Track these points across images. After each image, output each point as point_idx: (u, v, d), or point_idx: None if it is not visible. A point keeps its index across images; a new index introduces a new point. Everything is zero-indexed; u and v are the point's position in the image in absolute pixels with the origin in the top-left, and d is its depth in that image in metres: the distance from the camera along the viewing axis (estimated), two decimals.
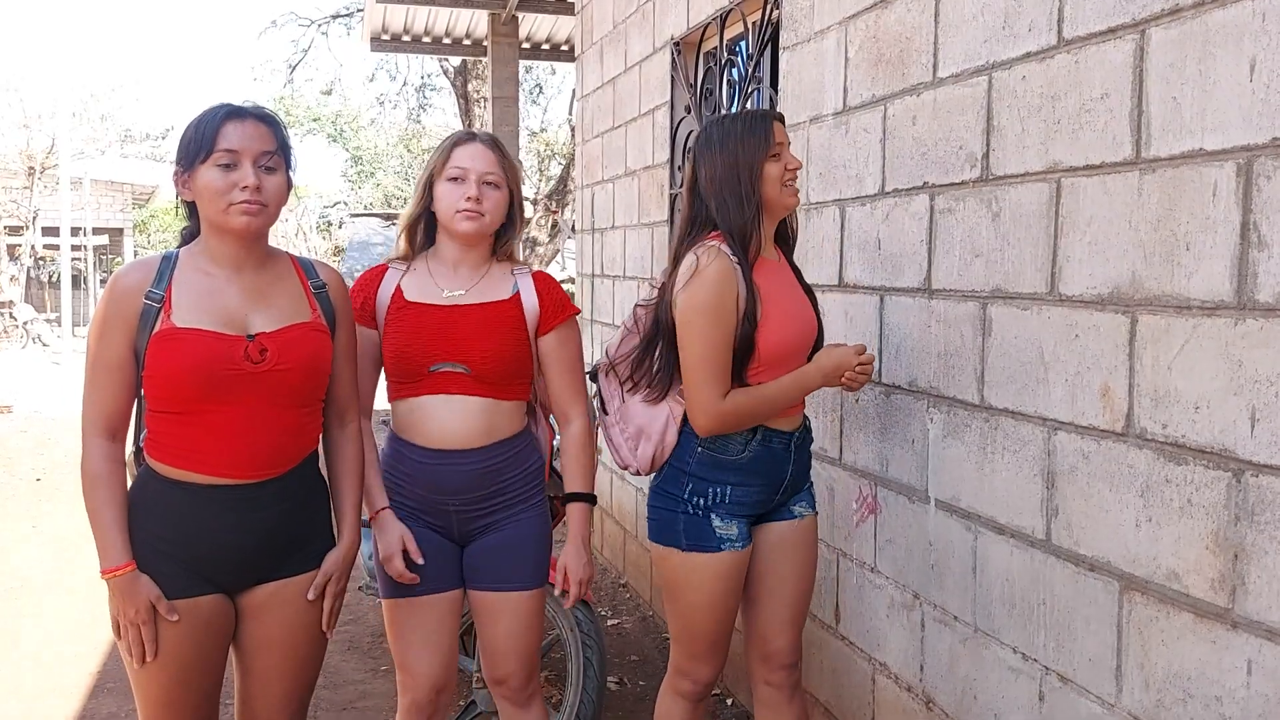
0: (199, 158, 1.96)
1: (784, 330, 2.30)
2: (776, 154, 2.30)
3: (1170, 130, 1.77)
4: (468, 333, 2.30)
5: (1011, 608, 2.21)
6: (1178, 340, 1.76)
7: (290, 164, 2.07)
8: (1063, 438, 2.04)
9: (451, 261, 2.38)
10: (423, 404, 2.32)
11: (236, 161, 1.96)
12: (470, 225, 2.31)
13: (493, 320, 2.33)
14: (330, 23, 19.05)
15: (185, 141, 1.99)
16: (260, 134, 1.99)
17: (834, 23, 2.94)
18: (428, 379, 2.30)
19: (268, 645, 2.14)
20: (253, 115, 2.00)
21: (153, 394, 2.03)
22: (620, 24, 5.10)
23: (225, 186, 1.96)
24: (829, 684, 3.00)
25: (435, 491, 2.33)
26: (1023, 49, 2.14)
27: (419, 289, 2.36)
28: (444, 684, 2.39)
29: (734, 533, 2.34)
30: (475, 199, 2.29)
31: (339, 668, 4.07)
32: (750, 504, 2.37)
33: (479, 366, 2.29)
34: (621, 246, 5.14)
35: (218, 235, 2.04)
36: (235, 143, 1.96)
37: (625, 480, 5.11)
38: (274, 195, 2.01)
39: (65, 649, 4.32)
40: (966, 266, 2.34)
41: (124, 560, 1.98)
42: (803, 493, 2.47)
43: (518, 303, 2.37)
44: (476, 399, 2.31)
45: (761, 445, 2.34)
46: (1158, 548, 1.81)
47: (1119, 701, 1.91)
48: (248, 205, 1.97)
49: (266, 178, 1.99)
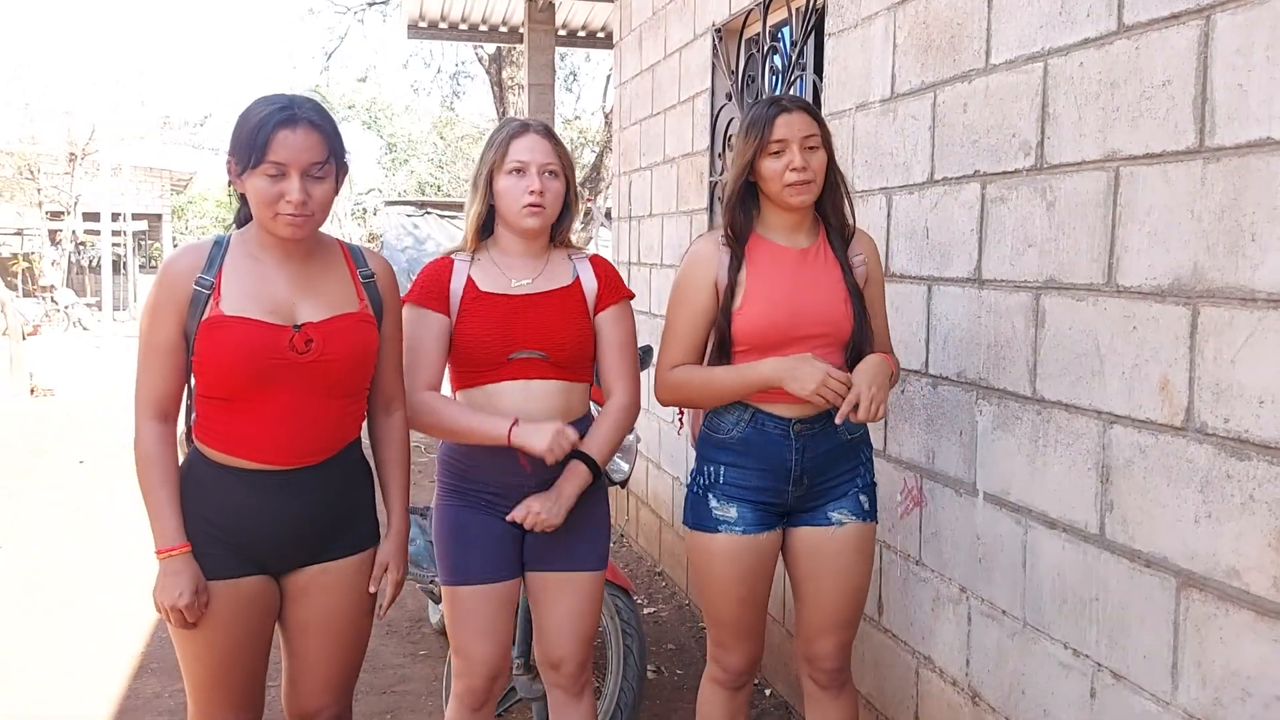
0: (250, 163, 1.96)
1: (761, 316, 2.28)
2: (777, 150, 2.25)
3: (1236, 118, 1.73)
4: (542, 320, 2.34)
5: (1063, 603, 2.18)
6: (1242, 333, 1.72)
7: (342, 160, 2.06)
8: (1119, 431, 2.01)
9: (515, 252, 2.40)
10: (501, 390, 2.33)
11: (285, 173, 1.96)
12: (535, 220, 2.33)
13: (563, 306, 2.37)
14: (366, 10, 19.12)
15: (238, 140, 1.98)
16: (310, 144, 1.97)
17: (882, 8, 2.90)
18: (507, 366, 2.32)
19: (311, 627, 2.15)
20: (305, 121, 1.97)
21: (201, 379, 2.04)
22: (660, 10, 5.07)
23: (273, 197, 1.97)
24: (871, 677, 2.98)
25: (513, 474, 2.34)
26: (1080, 35, 2.10)
27: (489, 280, 2.38)
28: (499, 670, 2.42)
29: (732, 516, 2.34)
30: (539, 191, 2.30)
31: (378, 652, 4.09)
32: (751, 489, 2.34)
33: (556, 351, 2.33)
34: (659, 234, 5.12)
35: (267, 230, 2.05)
36: (284, 155, 1.95)
37: (661, 470, 5.10)
38: (321, 203, 2.01)
39: (109, 630, 4.39)
40: (1019, 256, 2.30)
41: (178, 541, 2.00)
42: (845, 498, 2.36)
43: (579, 286, 2.42)
44: (554, 382, 2.35)
45: (751, 426, 2.33)
46: (1217, 544, 1.78)
47: (1174, 699, 1.88)
48: (292, 218, 1.98)
49: (314, 186, 1.99)
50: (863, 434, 2.40)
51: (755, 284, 2.31)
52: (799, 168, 2.24)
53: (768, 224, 2.38)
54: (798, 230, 2.36)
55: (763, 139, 2.27)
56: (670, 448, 4.95)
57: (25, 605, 4.71)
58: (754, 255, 2.34)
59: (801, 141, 2.26)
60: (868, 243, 2.42)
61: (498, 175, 2.34)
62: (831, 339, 2.30)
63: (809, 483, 2.34)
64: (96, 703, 3.69)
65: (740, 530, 2.34)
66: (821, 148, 2.29)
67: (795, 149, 2.25)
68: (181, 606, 1.98)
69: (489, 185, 2.36)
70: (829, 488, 2.36)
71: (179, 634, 2.07)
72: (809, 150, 2.27)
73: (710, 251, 2.35)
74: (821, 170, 2.29)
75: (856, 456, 2.38)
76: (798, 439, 2.32)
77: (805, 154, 2.26)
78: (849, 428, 2.33)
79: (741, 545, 2.35)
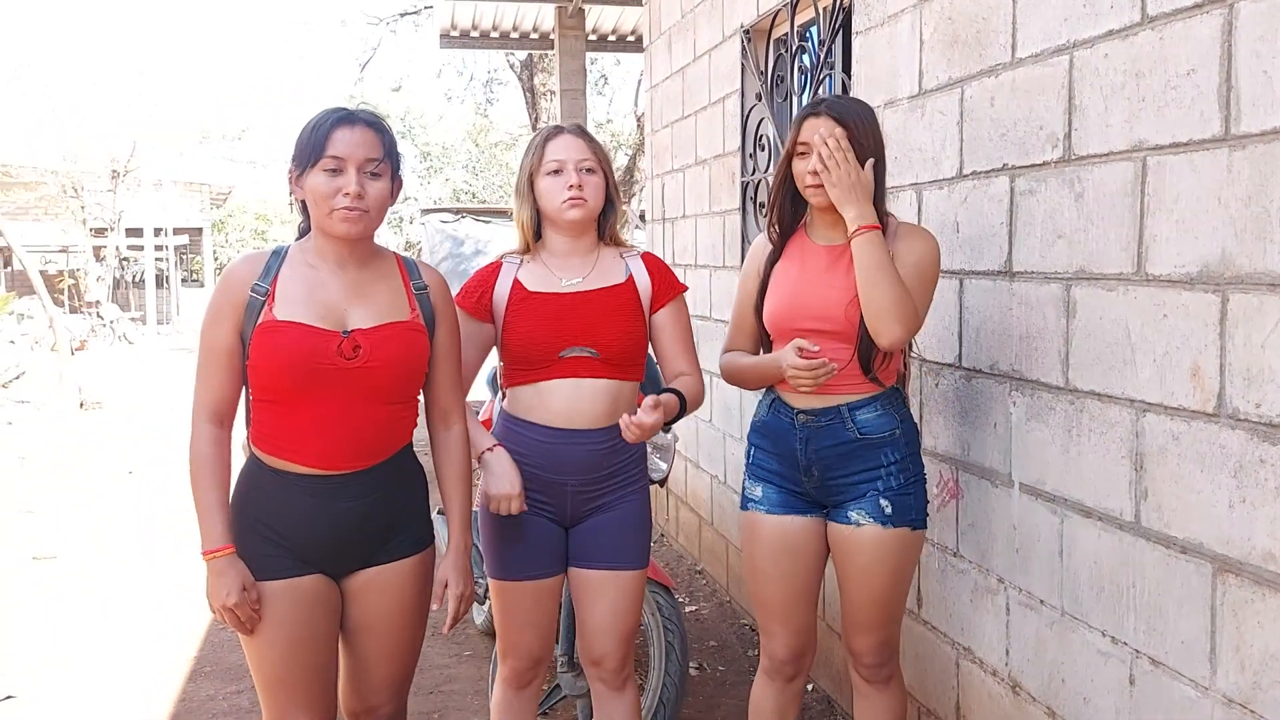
0: (309, 162, 2.04)
1: (773, 308, 2.45)
2: (803, 153, 2.34)
3: (1261, 105, 1.74)
4: (594, 318, 2.39)
5: (1100, 591, 2.19)
6: (1271, 318, 1.73)
7: (397, 167, 2.14)
8: (1151, 419, 2.02)
9: (563, 252, 2.46)
10: (551, 387, 2.39)
11: (342, 168, 2.03)
12: (577, 212, 2.38)
13: (616, 304, 2.42)
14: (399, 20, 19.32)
15: (299, 145, 2.07)
16: (368, 141, 2.05)
17: (908, 5, 2.92)
18: (558, 364, 2.38)
19: (367, 628, 2.21)
20: (362, 121, 2.07)
21: (255, 383, 2.11)
22: (689, 13, 5.11)
23: (330, 191, 2.04)
24: (911, 669, 3.00)
25: (557, 471, 2.40)
26: (1105, 27, 2.12)
27: (538, 280, 2.43)
28: (541, 657, 2.54)
29: (758, 495, 2.49)
30: (578, 185, 2.36)
31: (424, 653, 4.09)
32: (772, 471, 2.47)
33: (607, 349, 2.38)
34: (693, 235, 5.16)
35: (324, 235, 2.12)
36: (342, 150, 2.03)
37: (700, 469, 5.14)
38: (376, 201, 2.08)
39: (163, 635, 4.49)
40: (1049, 248, 2.32)
41: (223, 543, 2.06)
42: (865, 500, 2.37)
43: (632, 285, 2.46)
44: (604, 381, 2.40)
45: (770, 411, 2.49)
46: (1252, 529, 1.79)
47: (1213, 684, 1.89)
48: (348, 212, 2.04)
49: (370, 183, 2.06)
50: (888, 434, 2.37)
51: (777, 277, 2.46)
52: (814, 170, 2.30)
53: (812, 221, 2.48)
54: (835, 228, 2.39)
55: (793, 140, 2.36)
56: (709, 447, 4.99)
57: (81, 612, 4.83)
58: (788, 251, 2.48)
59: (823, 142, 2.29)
60: (906, 236, 2.39)
61: (538, 178, 2.40)
62: (834, 334, 2.34)
63: (820, 475, 2.39)
64: (153, 706, 3.78)
65: (765, 509, 2.47)
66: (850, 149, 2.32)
67: (815, 149, 2.30)
68: (231, 605, 2.04)
69: (531, 189, 2.43)
70: (846, 485, 2.38)
71: (243, 635, 2.13)
72: None
73: (761, 245, 2.56)
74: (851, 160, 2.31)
75: (877, 458, 2.36)
76: (802, 429, 2.39)
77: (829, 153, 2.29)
78: (859, 426, 2.36)
79: (769, 524, 2.46)
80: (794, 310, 2.40)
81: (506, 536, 2.43)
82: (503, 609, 2.49)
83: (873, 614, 2.43)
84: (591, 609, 2.48)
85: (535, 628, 2.48)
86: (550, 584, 2.47)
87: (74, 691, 3.93)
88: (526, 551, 2.42)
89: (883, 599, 2.42)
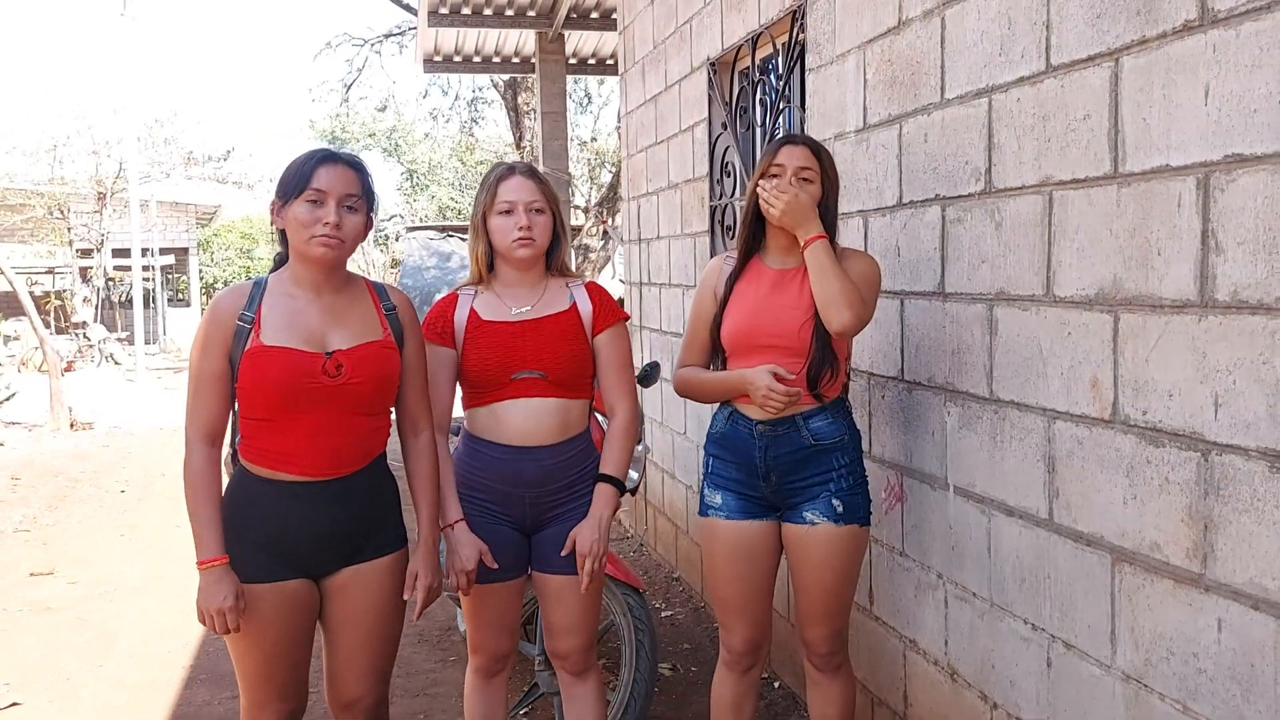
0: (294, 193, 2.28)
1: (731, 326, 2.65)
2: (776, 174, 2.58)
3: (1142, 148, 1.98)
4: (541, 343, 2.60)
5: (1021, 583, 2.41)
6: (1153, 336, 1.96)
7: (372, 207, 2.37)
8: (1060, 426, 2.25)
9: (513, 283, 2.67)
10: (505, 407, 2.61)
11: (323, 200, 2.27)
12: (526, 251, 2.60)
13: (559, 329, 2.62)
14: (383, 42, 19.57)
15: (284, 179, 2.30)
16: (347, 179, 2.30)
17: (853, 46, 3.16)
18: (510, 385, 2.59)
19: (348, 623, 2.42)
20: (344, 161, 2.32)
21: (245, 403, 2.32)
22: (660, 44, 5.35)
23: (311, 220, 2.27)
24: (865, 663, 3.22)
25: (513, 485, 2.62)
26: (1017, 73, 2.36)
27: (490, 309, 2.65)
28: (508, 651, 2.77)
29: (718, 502, 2.69)
30: (527, 226, 2.58)
31: (410, 659, 4.36)
32: (730, 479, 2.67)
33: (554, 371, 2.59)
34: (667, 256, 5.39)
35: (301, 262, 2.34)
36: (324, 184, 2.27)
37: (675, 479, 5.35)
38: (352, 233, 2.31)
39: (160, 645, 4.68)
40: (974, 271, 2.55)
41: (217, 554, 2.27)
42: (819, 500, 2.59)
43: (575, 311, 2.67)
44: (553, 400, 2.61)
45: (729, 423, 2.69)
46: (1142, 522, 2.02)
47: (1114, 663, 2.11)
48: (327, 239, 2.27)
49: (348, 216, 2.30)
50: (837, 440, 2.60)
51: (734, 298, 2.67)
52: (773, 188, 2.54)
53: (767, 246, 2.70)
54: (788, 252, 2.63)
55: (768, 162, 2.60)
56: (684, 458, 5.21)
57: (79, 626, 5.01)
58: (745, 273, 2.70)
59: (796, 170, 2.56)
60: (852, 257, 2.63)
61: (490, 215, 2.63)
62: (788, 350, 2.57)
63: (778, 480, 2.61)
64: (151, 712, 3.97)
65: (724, 515, 2.68)
66: (817, 182, 2.58)
67: (789, 174, 2.56)
68: (226, 609, 2.24)
69: (484, 225, 2.65)
70: (801, 488, 2.61)
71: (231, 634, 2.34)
72: (803, 181, 2.56)
73: (716, 265, 2.78)
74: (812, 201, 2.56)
75: (829, 462, 2.60)
76: (760, 438, 2.60)
77: (800, 183, 2.55)
78: (813, 433, 2.59)
79: (727, 529, 2.67)
80: (752, 328, 2.62)
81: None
82: (471, 609, 2.71)
83: (826, 606, 2.66)
84: (554, 611, 2.70)
85: (501, 625, 2.71)
86: (513, 585, 2.70)
87: (75, 699, 4.11)
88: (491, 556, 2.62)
89: (836, 591, 2.65)
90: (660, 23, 5.33)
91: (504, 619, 2.71)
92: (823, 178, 2.60)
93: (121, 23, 19.89)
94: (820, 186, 2.59)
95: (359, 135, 27.65)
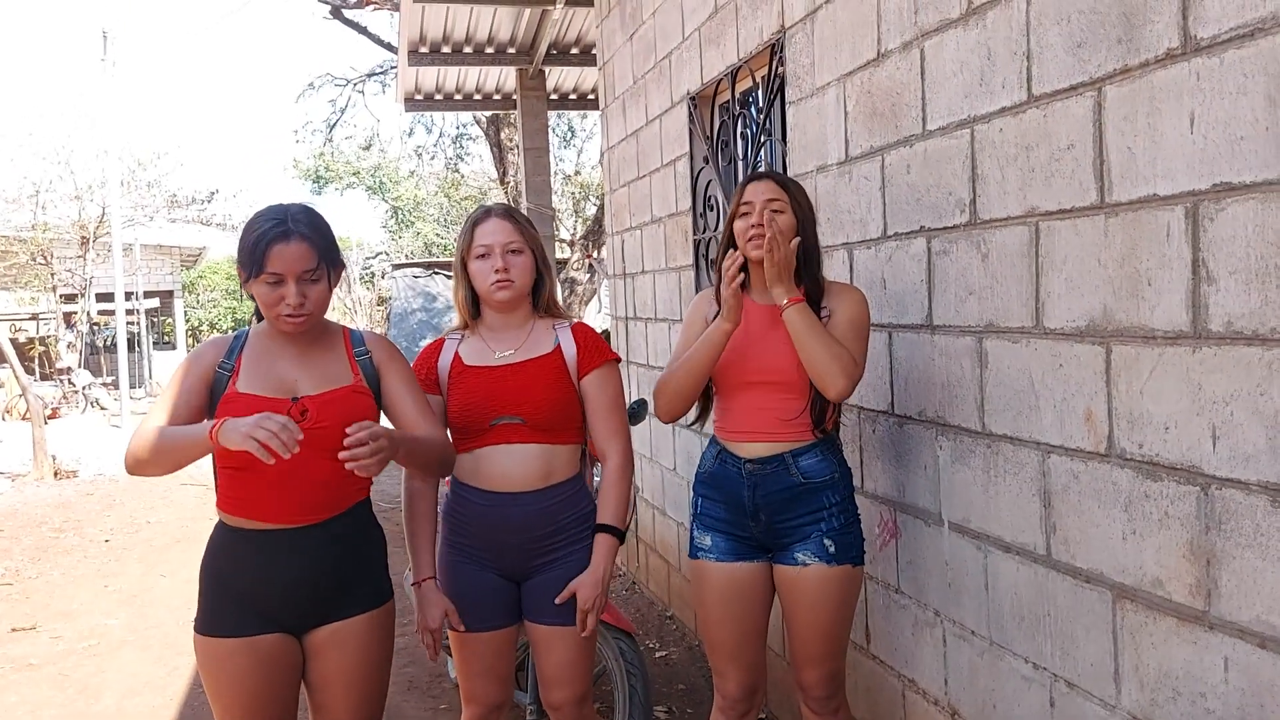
0: (251, 273, 2.24)
1: (723, 362, 2.60)
2: (746, 212, 2.56)
3: (1128, 177, 1.95)
4: (519, 387, 2.55)
5: (1021, 620, 2.36)
6: (1146, 367, 1.93)
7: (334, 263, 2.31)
8: (1055, 460, 2.21)
9: (498, 326, 2.64)
10: (487, 454, 2.56)
11: (283, 280, 2.23)
12: (505, 294, 2.57)
13: (539, 373, 2.58)
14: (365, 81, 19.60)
15: (241, 252, 2.27)
16: (302, 254, 2.23)
17: (833, 79, 3.14)
18: (490, 432, 2.55)
19: (331, 682, 2.35)
20: (297, 235, 2.23)
21: (219, 450, 2.26)
22: (640, 79, 5.35)
23: (273, 300, 2.25)
24: (863, 702, 3.15)
25: (498, 531, 2.56)
26: (998, 104, 2.33)
27: (474, 354, 2.62)
28: (501, 701, 2.68)
29: (707, 543, 2.64)
30: (504, 269, 2.54)
31: (400, 707, 4.27)
32: (720, 519, 2.62)
33: (532, 416, 2.54)
34: (652, 290, 5.36)
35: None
36: (279, 266, 2.22)
37: (667, 516, 5.29)
38: (316, 302, 2.29)
39: (143, 700, 4.57)
40: (962, 303, 2.52)
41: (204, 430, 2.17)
42: (810, 541, 2.53)
43: (559, 354, 2.62)
44: (534, 445, 2.56)
45: (717, 462, 2.65)
46: (1142, 558, 1.97)
47: (1119, 703, 2.06)
48: (291, 318, 2.26)
49: (310, 288, 2.27)
50: (827, 478, 2.55)
51: None
52: (755, 224, 2.51)
53: (751, 282, 2.65)
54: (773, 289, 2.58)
55: (736, 202, 2.58)
56: (675, 495, 5.15)
57: (61, 682, 4.90)
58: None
59: (765, 203, 2.52)
60: (837, 294, 2.60)
61: (469, 260, 2.60)
62: (782, 385, 2.54)
63: (767, 520, 2.55)
64: None
65: (714, 557, 2.62)
66: (788, 212, 2.54)
67: (758, 209, 2.52)
68: None
69: (464, 269, 2.61)
70: (791, 528, 2.55)
71: (209, 691, 2.29)
72: (774, 213, 2.52)
73: (705, 298, 2.79)
74: (789, 231, 2.52)
75: (819, 500, 2.54)
76: (750, 477, 2.55)
77: (771, 215, 2.51)
78: (803, 472, 2.53)
79: (718, 571, 2.61)
80: (743, 365, 2.58)
81: (462, 592, 2.59)
82: (462, 659, 2.65)
83: (821, 648, 2.59)
84: (545, 661, 2.64)
85: (493, 675, 2.64)
86: (504, 635, 2.63)
87: None
88: (481, 605, 2.58)
89: (830, 633, 2.58)
90: (639, 58, 5.32)
91: (494, 669, 2.64)
92: (794, 206, 2.56)
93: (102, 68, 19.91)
94: (794, 215, 2.55)
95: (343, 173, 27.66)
